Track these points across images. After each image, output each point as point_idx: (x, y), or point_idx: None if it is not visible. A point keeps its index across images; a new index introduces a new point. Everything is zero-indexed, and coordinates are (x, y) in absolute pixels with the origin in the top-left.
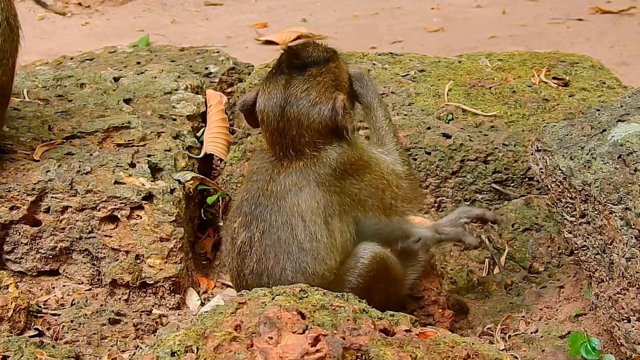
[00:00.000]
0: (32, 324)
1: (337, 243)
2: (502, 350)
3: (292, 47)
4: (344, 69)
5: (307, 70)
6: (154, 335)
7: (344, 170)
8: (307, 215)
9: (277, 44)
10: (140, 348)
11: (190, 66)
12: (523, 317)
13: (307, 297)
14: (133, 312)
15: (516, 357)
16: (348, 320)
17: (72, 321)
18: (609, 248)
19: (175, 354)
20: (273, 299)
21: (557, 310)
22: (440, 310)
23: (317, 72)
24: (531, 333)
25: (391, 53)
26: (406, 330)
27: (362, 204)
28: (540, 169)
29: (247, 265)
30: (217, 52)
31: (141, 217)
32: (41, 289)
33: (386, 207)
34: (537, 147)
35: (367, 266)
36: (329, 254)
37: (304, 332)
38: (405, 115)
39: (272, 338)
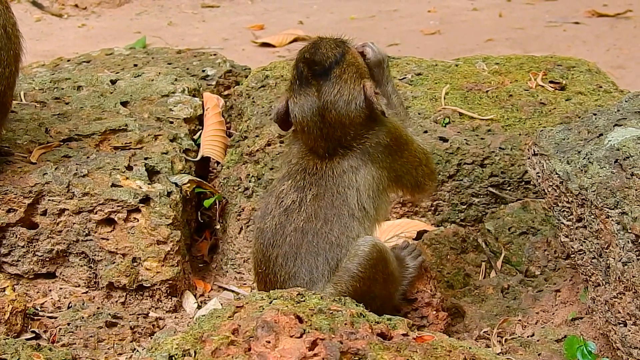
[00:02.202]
0: (29, 326)
1: (380, 217)
2: (498, 354)
3: (306, 55)
4: (357, 53)
5: (332, 73)
6: (151, 339)
7: (391, 146)
8: (362, 188)
9: (273, 46)
10: (137, 351)
11: (187, 69)
12: (519, 320)
13: (304, 301)
14: (130, 315)
15: None
16: (345, 324)
17: (68, 324)
18: (606, 252)
19: (173, 358)
20: (271, 302)
21: (553, 314)
22: (434, 312)
23: (340, 71)
24: (527, 337)
25: (388, 57)
26: (403, 335)
27: (399, 179)
28: (537, 173)
29: (293, 222)
30: (214, 54)
31: (138, 220)
32: (38, 292)
33: (416, 184)
34: (534, 152)
35: (367, 254)
36: (372, 225)
37: (301, 336)
38: None
39: (269, 342)
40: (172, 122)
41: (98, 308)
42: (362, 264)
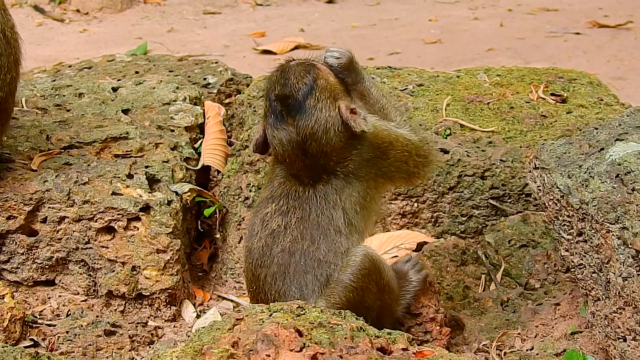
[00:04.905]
0: (28, 334)
1: (369, 227)
2: None
3: (277, 89)
4: (327, 73)
5: (305, 104)
6: (150, 348)
7: (374, 156)
8: (348, 206)
9: (274, 53)
10: None
11: (189, 76)
12: (519, 334)
13: (304, 314)
14: (129, 323)
15: None
16: (345, 338)
17: (67, 332)
18: (606, 267)
19: None
20: (271, 315)
21: (552, 327)
22: (438, 328)
23: (314, 101)
24: (527, 350)
25: (390, 67)
26: (403, 349)
27: (390, 178)
28: (538, 186)
29: (280, 243)
30: (216, 62)
31: (138, 229)
32: (37, 299)
33: (410, 175)
34: (535, 165)
35: (359, 264)
36: (360, 237)
37: (301, 350)
38: None
39: (269, 356)
40: (173, 131)
41: (97, 316)
42: (355, 273)
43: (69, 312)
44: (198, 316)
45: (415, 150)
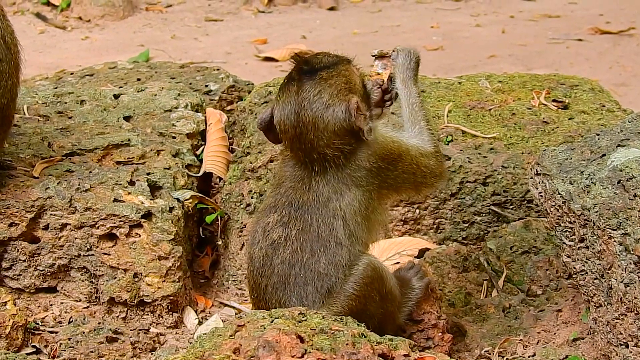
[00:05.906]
0: (30, 341)
1: (373, 237)
2: None
3: (301, 56)
4: (356, 73)
5: (318, 74)
6: (152, 355)
7: (378, 167)
8: (349, 215)
9: (276, 60)
10: None
11: (190, 83)
12: (521, 340)
13: (306, 320)
14: (130, 330)
15: None
16: (347, 344)
17: (69, 339)
18: (608, 273)
19: None
20: (272, 322)
21: (554, 333)
22: (440, 334)
23: (328, 75)
24: (529, 357)
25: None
26: (405, 355)
27: (396, 189)
28: (540, 192)
29: (280, 255)
30: (218, 69)
31: (140, 236)
32: (39, 306)
33: (417, 186)
34: (537, 171)
35: (362, 272)
36: (364, 248)
37: (302, 356)
38: None
39: None
40: (174, 138)
41: (99, 323)
42: (357, 282)
43: (71, 319)
44: (200, 323)
45: (425, 162)
